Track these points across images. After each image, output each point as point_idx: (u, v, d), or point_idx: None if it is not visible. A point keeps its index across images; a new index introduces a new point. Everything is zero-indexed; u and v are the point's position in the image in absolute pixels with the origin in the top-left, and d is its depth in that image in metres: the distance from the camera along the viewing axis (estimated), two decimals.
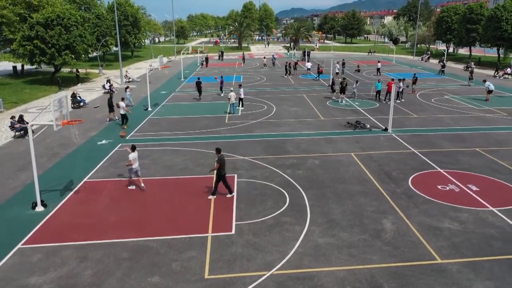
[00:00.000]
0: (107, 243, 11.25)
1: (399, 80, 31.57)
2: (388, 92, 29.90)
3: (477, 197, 14.07)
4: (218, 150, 13.83)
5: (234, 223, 12.35)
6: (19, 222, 12.49)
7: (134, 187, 14.90)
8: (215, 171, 13.98)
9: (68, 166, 17.40)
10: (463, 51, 78.86)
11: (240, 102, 28.24)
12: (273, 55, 60.73)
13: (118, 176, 16.04)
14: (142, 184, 14.80)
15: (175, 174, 16.33)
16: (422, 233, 11.68)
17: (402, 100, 30.80)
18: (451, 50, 78.99)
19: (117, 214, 13.00)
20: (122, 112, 23.20)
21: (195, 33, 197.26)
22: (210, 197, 13.97)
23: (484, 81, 32.61)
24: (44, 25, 36.77)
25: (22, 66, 44.81)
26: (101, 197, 14.30)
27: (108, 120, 25.06)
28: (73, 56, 38.83)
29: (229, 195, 14.12)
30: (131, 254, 10.74)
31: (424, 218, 12.61)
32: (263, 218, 12.63)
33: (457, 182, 15.29)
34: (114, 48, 61.46)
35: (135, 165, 14.52)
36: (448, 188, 14.81)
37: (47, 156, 18.61)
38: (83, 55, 40.81)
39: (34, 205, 13.30)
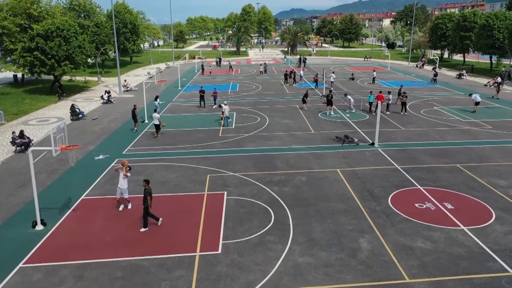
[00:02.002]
0: (102, 262, 12.13)
1: (388, 92, 32.50)
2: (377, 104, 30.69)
3: (451, 215, 14.96)
4: (147, 182, 13.84)
5: (221, 242, 13.23)
6: (20, 241, 13.36)
7: (130, 206, 15.80)
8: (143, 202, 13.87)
9: (66, 183, 18.28)
10: (458, 56, 79.73)
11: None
12: (265, 63, 61.91)
13: (114, 194, 16.92)
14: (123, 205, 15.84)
15: (168, 191, 17.21)
16: (395, 253, 12.57)
17: (405, 113, 31.48)
18: (446, 56, 79.94)
19: (112, 232, 13.88)
20: (156, 122, 25.29)
21: (194, 36, 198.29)
22: (142, 229, 13.94)
23: (470, 94, 33.30)
24: (44, 37, 37.77)
25: (23, 75, 45.72)
26: (97, 215, 15.18)
27: (135, 130, 26.80)
28: (72, 67, 39.81)
29: (159, 223, 14.23)
30: (124, 274, 11.62)
31: (399, 237, 13.50)
32: (249, 237, 13.51)
33: (434, 200, 16.18)
34: (113, 54, 62.32)
35: None
36: (425, 206, 15.70)
37: (47, 172, 19.51)
38: (82, 65, 41.73)
39: (34, 224, 14.19)
